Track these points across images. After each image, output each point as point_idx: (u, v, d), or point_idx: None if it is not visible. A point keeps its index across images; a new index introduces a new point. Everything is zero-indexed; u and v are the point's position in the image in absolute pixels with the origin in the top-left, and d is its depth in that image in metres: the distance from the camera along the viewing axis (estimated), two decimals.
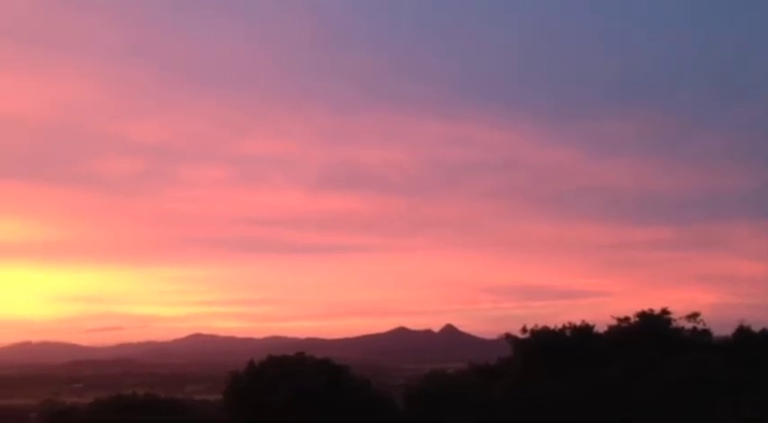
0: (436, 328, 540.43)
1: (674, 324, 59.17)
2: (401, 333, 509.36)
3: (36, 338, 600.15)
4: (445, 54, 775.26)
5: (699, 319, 59.02)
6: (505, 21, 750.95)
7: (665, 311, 59.01)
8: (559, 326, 59.66)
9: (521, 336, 59.41)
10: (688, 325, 59.28)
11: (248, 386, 55.80)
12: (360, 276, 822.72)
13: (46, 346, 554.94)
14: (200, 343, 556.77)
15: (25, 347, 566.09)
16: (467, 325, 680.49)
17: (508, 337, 60.05)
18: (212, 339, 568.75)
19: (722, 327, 62.14)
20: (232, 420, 56.00)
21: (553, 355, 57.10)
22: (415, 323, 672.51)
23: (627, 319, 59.48)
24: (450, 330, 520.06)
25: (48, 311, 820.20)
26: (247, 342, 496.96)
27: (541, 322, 60.05)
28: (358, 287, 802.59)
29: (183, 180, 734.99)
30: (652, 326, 58.43)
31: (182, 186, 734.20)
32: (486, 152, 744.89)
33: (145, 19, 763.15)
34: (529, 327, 59.19)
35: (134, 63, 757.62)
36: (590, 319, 60.54)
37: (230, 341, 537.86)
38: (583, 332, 59.41)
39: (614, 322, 59.89)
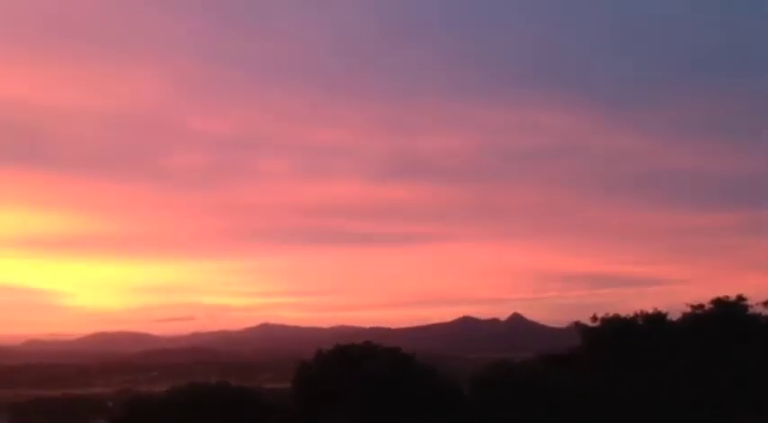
0: (503, 316, 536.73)
1: (750, 311, 57.42)
2: (467, 322, 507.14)
3: (112, 329, 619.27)
4: (508, 39, 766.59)
5: None
6: (570, 5, 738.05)
7: (740, 298, 57.23)
8: (631, 314, 58.56)
9: (591, 324, 58.46)
10: (765, 311, 57.47)
11: (317, 374, 56.41)
12: (425, 265, 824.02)
13: (121, 336, 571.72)
14: (268, 332, 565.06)
15: (102, 337, 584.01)
16: (534, 314, 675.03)
17: (577, 325, 59.16)
18: (280, 329, 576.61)
19: None
20: (302, 408, 56.70)
21: (624, 343, 56.03)
22: (481, 312, 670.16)
23: (701, 306, 57.90)
24: (516, 319, 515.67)
25: (123, 302, 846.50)
26: (314, 331, 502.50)
27: (611, 310, 59.03)
28: (423, 276, 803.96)
29: (250, 172, 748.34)
30: (727, 313, 56.74)
31: (250, 179, 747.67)
32: (552, 138, 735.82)
33: (210, 15, 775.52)
34: (599, 315, 58.27)
35: (202, 59, 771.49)
36: (662, 307, 59.24)
37: (297, 331, 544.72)
38: (655, 320, 58.09)
39: (688, 310, 58.41)
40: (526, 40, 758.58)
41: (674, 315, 58.81)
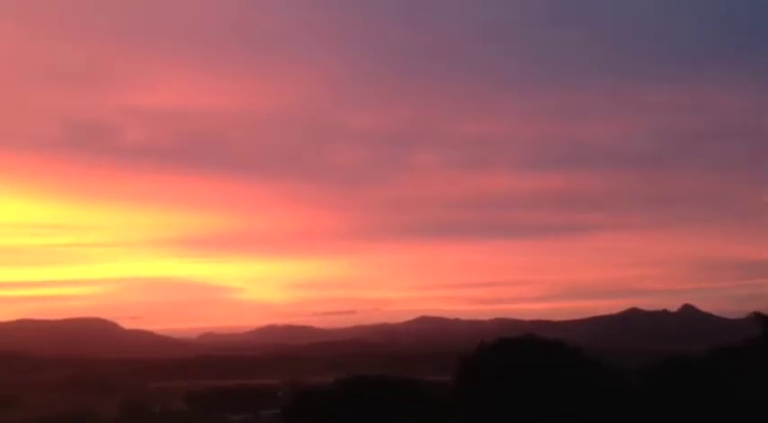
0: (673, 308, 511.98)
1: None
2: (634, 314, 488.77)
3: (280, 322, 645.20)
4: (669, 19, 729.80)
5: None
6: None
7: None
8: None
9: None
10: None
11: (478, 367, 55.98)
12: (589, 256, 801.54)
13: (288, 329, 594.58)
14: (427, 325, 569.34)
15: (270, 330, 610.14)
16: (708, 304, 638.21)
17: (757, 316, 55.45)
18: (439, 321, 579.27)
19: None
20: (463, 400, 56.47)
21: None
22: (650, 303, 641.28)
23: None
24: (688, 310, 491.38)
25: (290, 297, 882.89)
26: (474, 324, 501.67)
27: None
28: (587, 267, 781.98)
29: (407, 166, 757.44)
30: None
31: (408, 172, 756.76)
32: (723, 119, 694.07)
33: (360, 11, 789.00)
34: None
35: (355, 55, 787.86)
36: None
37: (457, 323, 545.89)
38: None
39: None
40: (688, 17, 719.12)
41: None
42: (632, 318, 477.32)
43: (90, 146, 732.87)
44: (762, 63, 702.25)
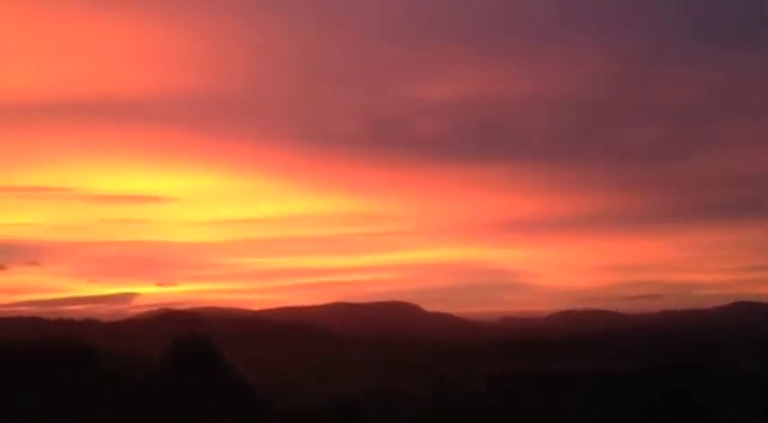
0: None
1: None
2: None
3: (580, 306, 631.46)
4: None
5: None
6: None
7: None
8: None
9: None
10: None
11: None
12: None
13: (589, 314, 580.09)
14: (744, 311, 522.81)
15: (570, 315, 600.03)
16: None
17: None
18: (759, 306, 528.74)
19: None
20: None
21: None
22: None
23: None
24: None
25: (589, 281, 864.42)
26: None
27: None
28: None
29: (714, 141, 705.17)
30: None
31: (713, 147, 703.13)
32: None
33: None
34: None
35: (636, 31, 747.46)
36: None
37: None
38: None
39: None
40: None
41: None
42: None
43: (388, 139, 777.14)
44: None
